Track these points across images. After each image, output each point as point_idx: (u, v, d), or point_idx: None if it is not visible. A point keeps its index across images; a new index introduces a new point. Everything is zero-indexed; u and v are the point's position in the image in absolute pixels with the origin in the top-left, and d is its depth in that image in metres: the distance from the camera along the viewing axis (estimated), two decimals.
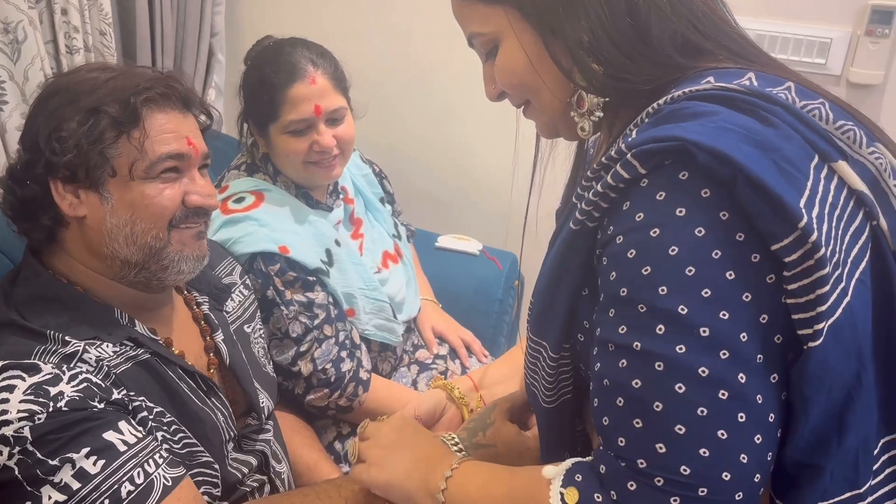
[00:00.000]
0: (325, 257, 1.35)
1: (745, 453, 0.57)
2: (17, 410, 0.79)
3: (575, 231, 0.66)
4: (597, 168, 0.65)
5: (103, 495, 0.79)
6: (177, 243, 0.95)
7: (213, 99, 2.02)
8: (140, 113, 0.91)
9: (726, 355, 0.57)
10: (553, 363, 0.73)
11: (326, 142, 1.30)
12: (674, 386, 0.58)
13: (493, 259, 1.91)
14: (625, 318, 0.61)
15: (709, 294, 0.57)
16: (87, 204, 0.92)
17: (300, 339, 1.28)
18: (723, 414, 0.57)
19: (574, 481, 0.63)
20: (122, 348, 0.91)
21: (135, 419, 0.88)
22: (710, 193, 0.58)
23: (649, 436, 0.59)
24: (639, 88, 0.67)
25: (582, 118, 0.71)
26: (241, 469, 1.04)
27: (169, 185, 0.94)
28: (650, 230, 0.59)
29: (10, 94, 1.44)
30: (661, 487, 0.58)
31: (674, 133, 0.58)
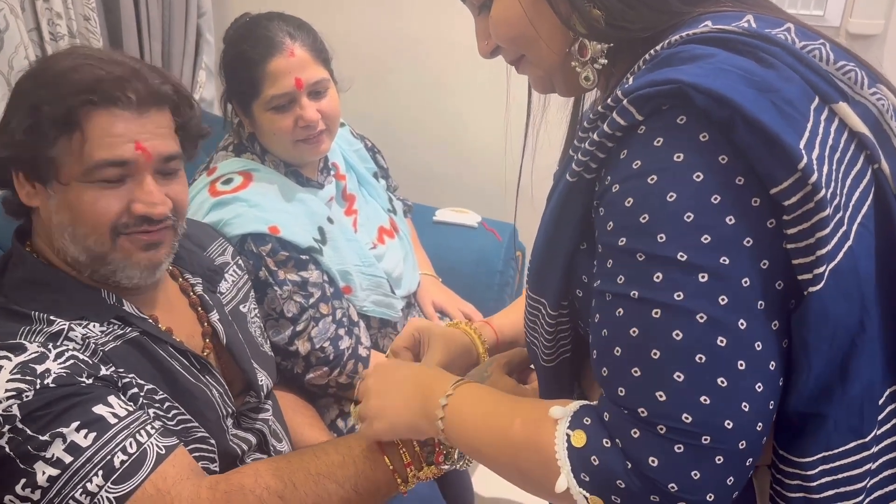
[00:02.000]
0: (317, 235, 1.34)
1: (746, 401, 0.56)
2: (5, 390, 0.79)
3: (571, 183, 0.65)
4: (593, 118, 0.63)
5: (96, 467, 0.80)
6: (122, 251, 0.92)
7: (204, 80, 2.00)
8: (78, 115, 0.86)
9: (725, 301, 0.56)
10: (552, 320, 0.72)
11: (310, 115, 1.28)
12: (671, 333, 0.57)
13: (492, 231, 1.90)
14: (623, 268, 0.59)
15: (708, 240, 0.56)
16: (39, 196, 0.91)
17: (296, 319, 1.28)
18: (722, 361, 0.56)
19: (582, 424, 0.62)
20: (109, 327, 0.92)
21: (125, 395, 0.88)
22: (709, 137, 0.56)
23: (648, 384, 0.58)
24: (636, 36, 0.65)
25: (584, 67, 0.69)
26: (241, 445, 1.05)
27: (109, 192, 0.90)
28: (647, 177, 0.58)
29: None
30: (665, 435, 0.57)
31: (670, 76, 0.57)
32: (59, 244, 0.92)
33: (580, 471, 0.60)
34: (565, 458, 0.61)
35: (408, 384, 0.80)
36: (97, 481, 0.79)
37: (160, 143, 0.92)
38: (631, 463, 0.58)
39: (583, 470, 0.60)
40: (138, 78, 0.91)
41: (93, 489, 0.79)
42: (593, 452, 0.60)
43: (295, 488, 0.84)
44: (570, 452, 0.61)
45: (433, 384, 0.77)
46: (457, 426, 0.73)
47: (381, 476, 0.85)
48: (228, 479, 0.86)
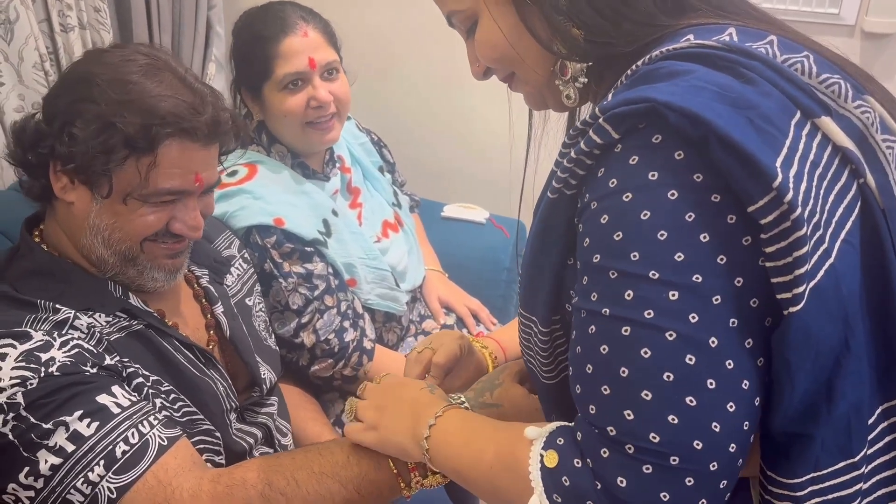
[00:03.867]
0: (322, 228, 1.33)
1: (716, 421, 0.55)
2: (10, 377, 0.80)
3: (553, 200, 0.64)
4: (573, 134, 0.63)
5: (98, 456, 0.80)
6: (148, 254, 0.94)
7: (214, 73, 2.00)
8: (157, 144, 0.87)
9: (696, 318, 0.56)
10: (545, 337, 0.71)
11: (323, 95, 1.28)
12: (640, 350, 0.56)
13: (500, 227, 1.89)
14: (597, 285, 0.59)
15: (682, 258, 0.56)
16: (78, 194, 0.91)
17: (301, 311, 1.28)
18: (691, 379, 0.55)
19: (555, 444, 0.62)
20: (115, 319, 0.92)
21: (130, 385, 0.88)
22: (684, 155, 0.56)
23: (617, 402, 0.57)
24: (621, 51, 0.65)
25: (567, 86, 0.69)
26: (246, 439, 1.05)
27: (159, 210, 0.92)
28: (623, 195, 0.57)
29: (6, 76, 1.44)
30: (633, 455, 0.57)
31: (645, 94, 0.57)
32: (86, 242, 0.92)
33: (552, 491, 0.60)
34: (538, 479, 0.61)
35: (405, 405, 0.81)
36: (98, 471, 0.79)
37: (212, 174, 0.96)
38: (600, 483, 0.58)
39: (555, 490, 0.60)
40: (208, 110, 0.91)
41: (94, 479, 0.79)
42: (565, 473, 0.60)
43: (297, 486, 0.84)
44: (543, 473, 0.61)
45: (424, 409, 0.78)
46: (440, 447, 0.74)
47: (384, 478, 0.84)
48: (231, 473, 0.86)
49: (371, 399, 0.85)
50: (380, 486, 0.85)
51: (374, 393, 0.86)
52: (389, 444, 0.81)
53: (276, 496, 0.83)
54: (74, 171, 0.88)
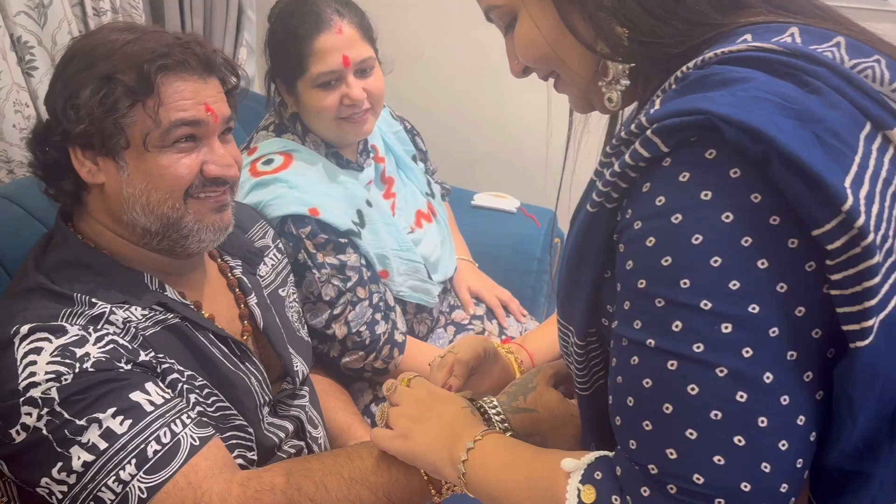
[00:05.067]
0: (356, 218, 1.32)
1: (767, 461, 0.52)
2: (45, 372, 0.79)
3: (592, 213, 0.61)
4: (616, 143, 0.59)
5: (130, 454, 0.80)
6: (194, 213, 0.93)
7: (245, 57, 1.99)
8: (154, 80, 0.88)
9: (750, 353, 0.52)
10: (581, 350, 0.69)
11: (356, 94, 1.26)
12: (686, 387, 0.53)
13: (531, 216, 1.87)
14: (641, 312, 0.56)
15: (737, 286, 0.52)
16: (105, 171, 0.90)
17: (333, 302, 1.27)
18: (740, 418, 0.52)
19: (593, 479, 0.60)
20: (151, 312, 0.91)
21: (164, 381, 0.88)
22: (741, 173, 0.52)
23: (659, 440, 0.55)
24: (668, 51, 0.60)
25: (609, 88, 0.65)
26: (278, 434, 1.04)
27: (185, 155, 0.91)
28: (672, 216, 0.53)
29: (39, 60, 1.44)
30: (675, 496, 0.54)
31: (699, 105, 0.52)
32: (128, 217, 0.91)
33: None
34: None
35: (443, 422, 0.78)
36: (130, 470, 0.79)
37: (222, 106, 0.95)
38: None
39: None
40: (195, 45, 0.92)
41: (125, 477, 0.79)
42: None
43: (327, 492, 0.83)
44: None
45: (464, 430, 0.75)
46: (477, 472, 0.71)
47: (414, 485, 0.83)
48: (260, 477, 0.85)
49: (405, 407, 0.82)
50: (410, 493, 0.84)
51: (409, 400, 0.83)
52: (420, 458, 0.79)
53: (304, 501, 0.82)
54: (92, 143, 0.88)
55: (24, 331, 0.82)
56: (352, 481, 0.84)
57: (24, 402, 0.79)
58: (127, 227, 0.93)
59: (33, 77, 1.43)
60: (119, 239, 0.94)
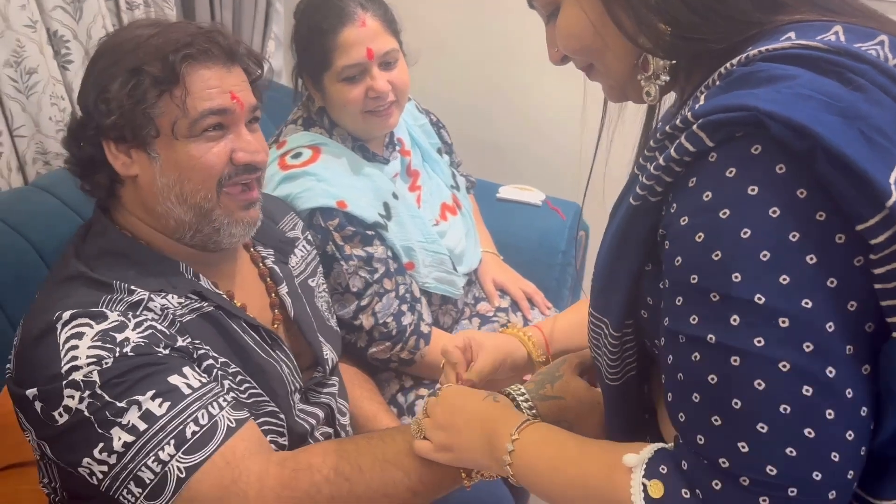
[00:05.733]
0: (382, 211, 1.34)
1: (836, 451, 0.53)
2: (86, 356, 0.82)
3: (636, 207, 0.62)
4: (660, 138, 0.60)
5: (169, 435, 0.82)
6: (224, 209, 0.95)
7: (273, 50, 2.01)
8: (180, 70, 0.90)
9: (810, 348, 0.53)
10: (615, 340, 0.70)
11: (381, 86, 1.28)
12: (753, 382, 0.54)
13: (556, 209, 1.87)
14: (696, 308, 0.56)
15: (787, 281, 0.53)
16: (139, 163, 0.93)
17: (361, 294, 1.28)
18: (809, 411, 0.53)
19: (659, 473, 0.60)
20: (187, 300, 0.93)
21: (200, 367, 0.90)
22: (786, 169, 0.52)
23: (730, 434, 0.55)
24: (711, 48, 0.61)
25: (648, 82, 0.66)
26: (309, 420, 1.06)
27: (214, 143, 0.93)
28: (719, 211, 0.54)
29: (74, 54, 1.47)
30: (748, 487, 0.55)
31: (745, 102, 0.53)
32: (162, 208, 0.93)
33: None
34: None
35: (474, 423, 0.79)
36: (169, 450, 0.81)
37: (247, 94, 0.96)
38: None
39: None
40: (217, 36, 0.94)
41: (164, 458, 0.81)
42: (672, 503, 0.58)
43: (361, 472, 0.85)
44: (648, 503, 0.59)
45: (498, 427, 0.76)
46: (525, 473, 0.72)
47: (446, 469, 0.85)
48: (296, 457, 0.87)
49: (436, 418, 0.84)
50: (442, 476, 0.85)
51: (437, 411, 0.84)
52: (467, 462, 0.81)
53: (340, 481, 0.84)
54: (124, 135, 0.90)
55: (66, 317, 0.84)
56: (385, 463, 0.85)
57: (66, 385, 0.81)
58: (161, 219, 0.95)
59: (69, 70, 1.47)
60: (154, 231, 0.96)
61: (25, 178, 1.43)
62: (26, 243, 1.23)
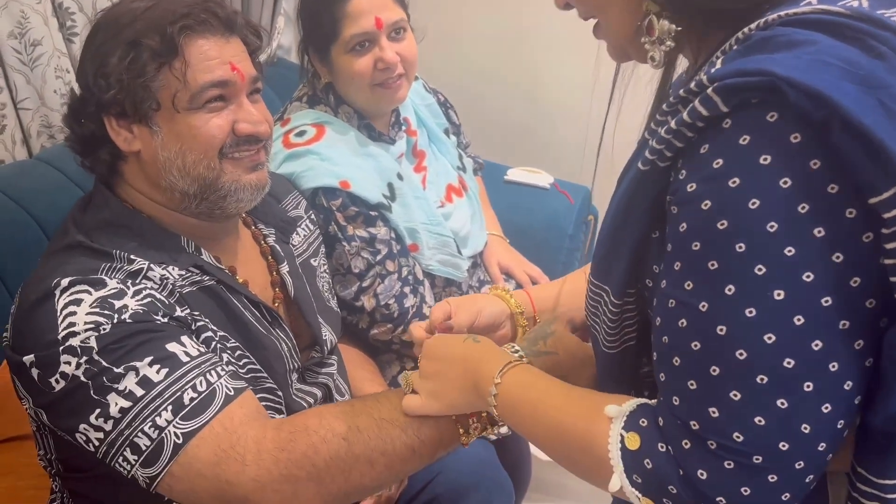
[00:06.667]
0: (387, 191, 1.32)
1: (807, 423, 0.53)
2: (84, 322, 0.81)
3: (644, 172, 0.60)
4: (673, 101, 0.59)
5: (166, 401, 0.81)
6: (230, 174, 0.94)
7: (282, 26, 1.99)
8: (178, 42, 0.89)
9: (801, 321, 0.52)
10: (616, 308, 0.69)
11: (390, 57, 1.26)
12: (735, 352, 0.54)
13: (564, 193, 1.85)
14: (692, 274, 0.56)
15: (792, 253, 0.52)
16: (141, 138, 0.92)
17: (363, 275, 1.28)
18: (785, 383, 0.53)
19: (638, 426, 0.61)
20: (188, 273, 0.93)
21: (198, 338, 0.89)
22: (801, 139, 0.51)
23: (702, 399, 0.56)
24: (727, 9, 0.59)
25: (653, 46, 0.64)
26: (307, 399, 1.06)
27: (216, 115, 0.92)
28: (729, 179, 0.53)
29: (79, 26, 1.45)
30: (714, 451, 0.55)
31: (763, 66, 0.51)
32: (166, 182, 0.93)
33: (633, 472, 0.59)
34: (618, 459, 0.60)
35: (458, 366, 0.79)
36: (166, 416, 0.81)
37: (247, 65, 0.95)
38: (682, 471, 0.57)
39: (635, 471, 0.59)
40: (215, 6, 0.93)
41: (161, 423, 0.81)
42: (647, 456, 0.59)
43: (359, 431, 0.84)
44: (624, 454, 0.60)
45: (481, 368, 0.76)
46: (508, 415, 0.73)
47: (443, 423, 0.84)
48: (293, 421, 0.87)
49: (422, 369, 0.84)
50: (440, 431, 0.85)
51: (423, 362, 0.84)
52: (457, 406, 0.81)
53: (338, 441, 0.83)
54: (125, 110, 0.89)
55: (65, 283, 0.84)
56: (382, 421, 0.85)
57: (63, 351, 0.81)
58: (165, 193, 0.94)
59: (74, 43, 1.45)
60: (156, 205, 0.96)
61: (30, 152, 1.42)
62: (29, 217, 1.23)
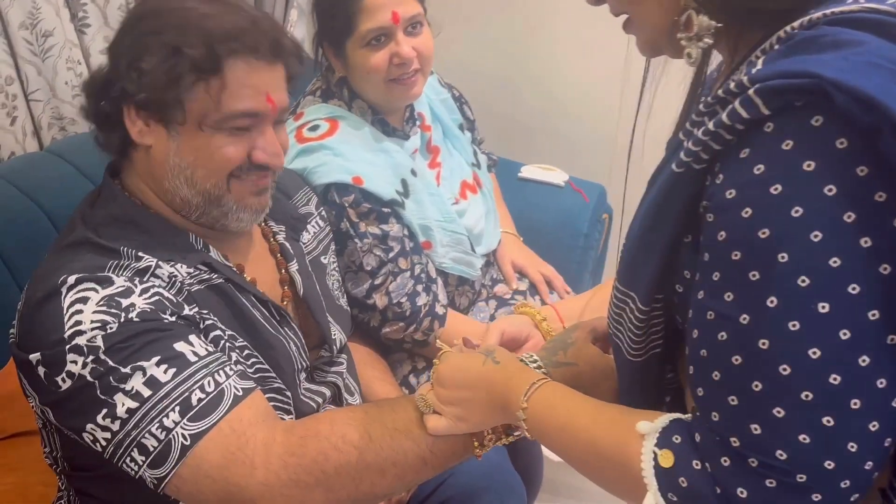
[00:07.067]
0: (400, 188, 1.30)
1: (854, 441, 0.51)
2: (91, 321, 0.80)
3: (678, 174, 0.58)
4: (711, 102, 0.57)
5: (174, 402, 0.80)
6: (235, 194, 0.93)
7: (295, 19, 1.97)
8: (223, 62, 0.86)
9: (847, 336, 0.50)
10: (642, 315, 0.67)
11: (406, 52, 1.24)
12: (778, 367, 0.51)
13: (579, 191, 1.82)
14: (732, 286, 0.54)
15: (837, 264, 0.50)
16: (155, 135, 0.90)
17: (375, 272, 1.26)
18: (831, 400, 0.51)
19: (671, 443, 0.59)
20: (196, 271, 0.92)
21: (207, 337, 0.88)
22: (847, 144, 0.49)
23: (744, 415, 0.54)
24: (769, 6, 0.57)
25: (690, 43, 0.61)
26: (315, 399, 1.05)
27: (236, 139, 0.90)
28: (771, 186, 0.51)
29: (91, 17, 1.44)
30: (755, 469, 0.53)
31: (809, 68, 0.49)
32: (170, 185, 0.91)
33: (667, 490, 0.57)
34: (652, 477, 0.58)
35: (480, 392, 0.78)
36: (174, 417, 0.79)
37: (283, 96, 0.94)
38: (721, 489, 0.55)
39: (670, 490, 0.57)
40: (268, 28, 0.90)
41: (169, 424, 0.79)
42: (682, 474, 0.57)
43: (371, 440, 0.83)
44: (658, 472, 0.58)
45: (507, 392, 0.75)
46: (540, 437, 0.71)
47: (457, 437, 0.83)
48: (304, 424, 0.85)
49: (444, 390, 0.82)
50: (453, 444, 0.83)
51: (439, 392, 0.82)
52: (486, 426, 0.80)
53: (349, 449, 0.82)
54: (148, 107, 0.88)
55: (72, 281, 0.83)
56: (395, 431, 0.83)
57: (69, 350, 0.80)
58: (167, 194, 0.93)
59: (86, 34, 1.44)
60: (161, 202, 0.95)
61: (41, 144, 1.41)
62: (38, 210, 1.22)
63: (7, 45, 1.31)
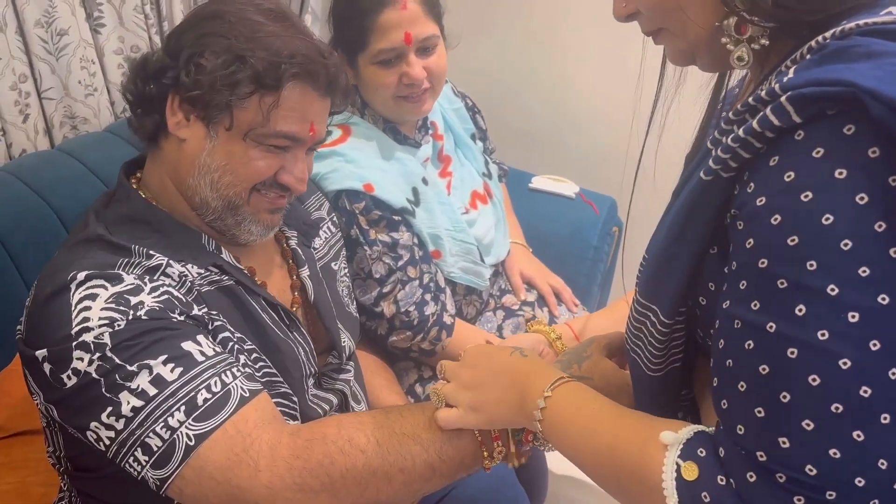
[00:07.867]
0: (411, 196, 1.30)
1: (884, 458, 0.50)
2: (99, 318, 0.79)
3: (706, 182, 0.58)
4: (741, 109, 0.56)
5: (179, 401, 0.79)
6: (253, 206, 0.94)
7: (310, 24, 1.97)
8: (283, 82, 0.88)
9: (877, 346, 0.49)
10: (665, 328, 0.66)
11: (416, 73, 1.23)
12: (807, 377, 0.50)
13: (590, 203, 1.81)
14: (760, 293, 0.53)
15: (867, 273, 0.49)
16: (193, 131, 0.90)
17: (383, 280, 1.25)
18: (862, 412, 0.50)
19: (696, 455, 0.57)
20: (207, 272, 0.91)
21: (216, 338, 0.88)
22: (880, 153, 0.48)
23: (772, 428, 0.52)
24: (802, 18, 0.56)
25: (739, 46, 0.61)
26: (322, 406, 1.04)
27: (271, 156, 0.92)
28: (801, 193, 0.50)
29: (107, 17, 1.44)
30: (783, 484, 0.52)
31: (843, 76, 0.49)
32: (193, 182, 0.92)
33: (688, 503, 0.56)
34: (673, 490, 0.56)
35: (504, 377, 0.76)
36: (179, 416, 0.79)
37: (323, 128, 0.97)
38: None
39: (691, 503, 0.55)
40: (329, 62, 0.93)
41: (174, 424, 0.78)
42: (705, 488, 0.55)
43: (378, 445, 0.81)
44: (679, 484, 0.56)
45: (529, 382, 0.73)
46: (556, 433, 0.69)
47: (466, 444, 0.81)
48: (311, 428, 0.84)
49: (460, 380, 0.80)
50: (462, 452, 0.82)
51: (461, 372, 0.81)
52: (498, 420, 0.77)
53: (356, 453, 0.81)
54: (195, 103, 0.88)
55: (81, 277, 0.82)
56: (403, 436, 0.82)
57: (76, 347, 0.79)
58: (188, 190, 0.93)
59: (100, 34, 1.44)
60: (180, 198, 0.95)
61: (52, 142, 1.41)
62: (48, 208, 1.22)
63: (22, 43, 1.31)
